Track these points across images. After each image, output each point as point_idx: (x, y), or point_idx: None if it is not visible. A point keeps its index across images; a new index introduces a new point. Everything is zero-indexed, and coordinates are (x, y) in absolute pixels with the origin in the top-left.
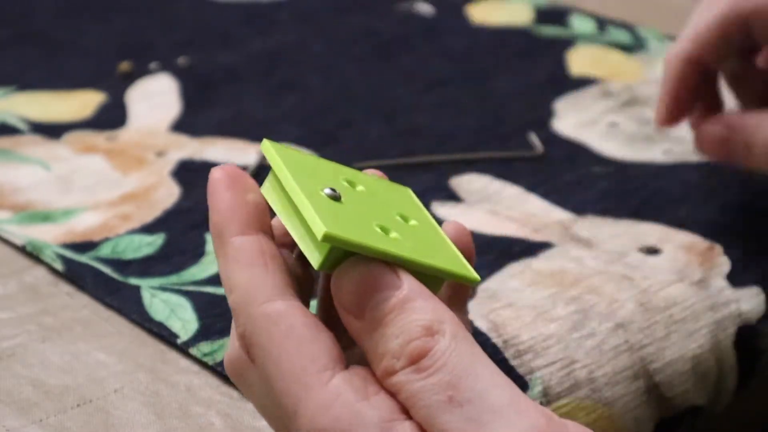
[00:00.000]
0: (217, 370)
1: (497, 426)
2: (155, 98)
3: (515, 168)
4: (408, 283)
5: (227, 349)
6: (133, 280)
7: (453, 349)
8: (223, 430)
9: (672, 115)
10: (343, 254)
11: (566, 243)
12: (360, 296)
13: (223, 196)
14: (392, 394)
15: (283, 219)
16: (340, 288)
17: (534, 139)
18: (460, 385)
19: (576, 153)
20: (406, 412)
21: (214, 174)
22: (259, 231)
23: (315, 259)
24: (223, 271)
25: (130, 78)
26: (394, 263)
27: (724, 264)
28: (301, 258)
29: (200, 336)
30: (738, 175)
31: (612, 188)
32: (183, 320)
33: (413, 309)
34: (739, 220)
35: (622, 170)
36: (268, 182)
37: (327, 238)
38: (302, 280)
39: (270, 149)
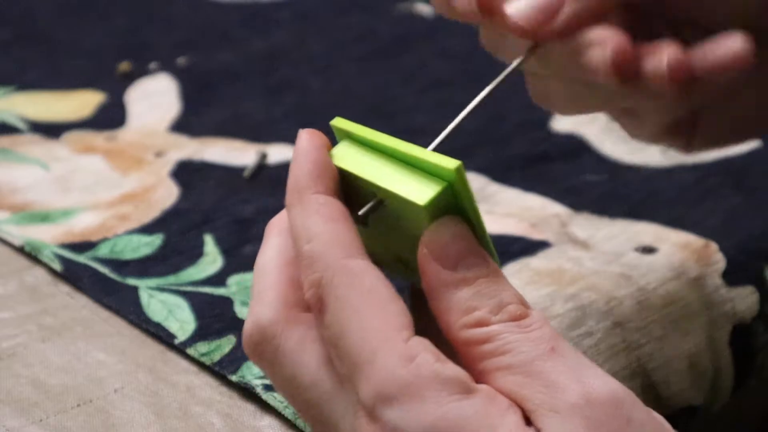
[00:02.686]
0: (216, 371)
1: (595, 377)
2: (155, 98)
3: (515, 168)
4: (494, 264)
5: (252, 316)
6: (131, 281)
7: (545, 320)
8: (223, 430)
9: None
10: (436, 211)
11: (564, 243)
12: (458, 250)
13: (312, 155)
14: (472, 345)
15: (374, 179)
16: (437, 237)
17: None
18: (560, 342)
19: (576, 152)
20: (474, 380)
21: (303, 134)
22: (338, 199)
23: (425, 194)
24: (300, 221)
25: (130, 78)
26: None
27: (719, 262)
28: None
29: (197, 336)
30: (733, 176)
31: (608, 190)
32: (180, 321)
33: (505, 283)
34: (733, 220)
35: (616, 175)
36: (336, 153)
37: (458, 169)
38: None
39: (342, 121)
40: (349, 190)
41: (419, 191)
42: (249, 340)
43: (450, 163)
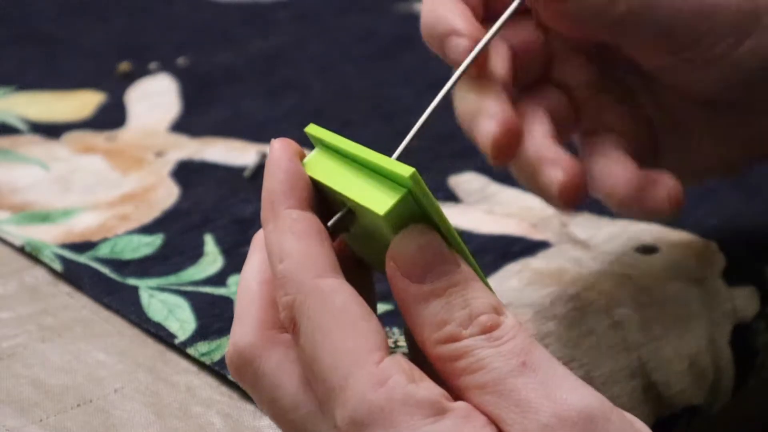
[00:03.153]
0: (216, 370)
1: (568, 389)
2: (155, 98)
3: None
4: (465, 266)
5: (233, 338)
6: (132, 281)
7: (517, 328)
8: (223, 430)
9: None
10: (400, 220)
11: (564, 243)
12: (424, 261)
13: (284, 165)
14: (444, 361)
15: (340, 188)
16: (402, 250)
17: None
18: (531, 354)
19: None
20: (449, 398)
21: (276, 144)
22: (311, 209)
23: (385, 203)
24: (274, 238)
25: (130, 78)
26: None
27: (719, 262)
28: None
29: (198, 336)
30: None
31: None
32: (181, 320)
33: (476, 288)
34: (734, 220)
35: None
36: (309, 162)
37: (413, 176)
38: None
39: (316, 128)
40: (326, 197)
41: (380, 200)
42: (230, 364)
43: (405, 171)
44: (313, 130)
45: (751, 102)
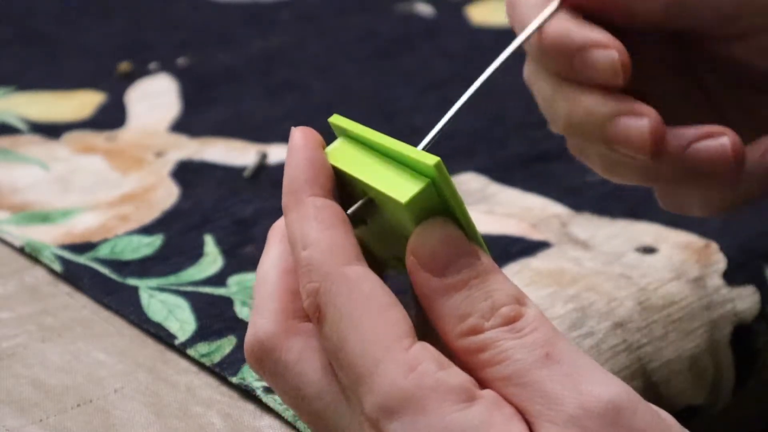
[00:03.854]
0: (216, 371)
1: (593, 381)
2: (155, 98)
3: (515, 168)
4: (486, 257)
5: (252, 328)
6: (132, 281)
7: (541, 319)
8: (223, 430)
9: None
10: (421, 211)
11: (564, 243)
12: (445, 254)
13: (306, 154)
14: (469, 354)
15: (363, 176)
16: (423, 243)
17: None
18: (556, 345)
19: None
20: (478, 385)
21: (297, 133)
22: (335, 200)
23: (407, 192)
24: (298, 226)
25: (130, 78)
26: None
27: (720, 262)
28: None
29: (198, 337)
30: None
31: (608, 190)
32: (181, 321)
33: (498, 280)
34: (733, 220)
35: None
36: (331, 151)
37: (438, 165)
38: None
39: (339, 118)
40: (345, 188)
41: (402, 189)
42: (250, 354)
43: (430, 160)
44: (336, 119)
45: None
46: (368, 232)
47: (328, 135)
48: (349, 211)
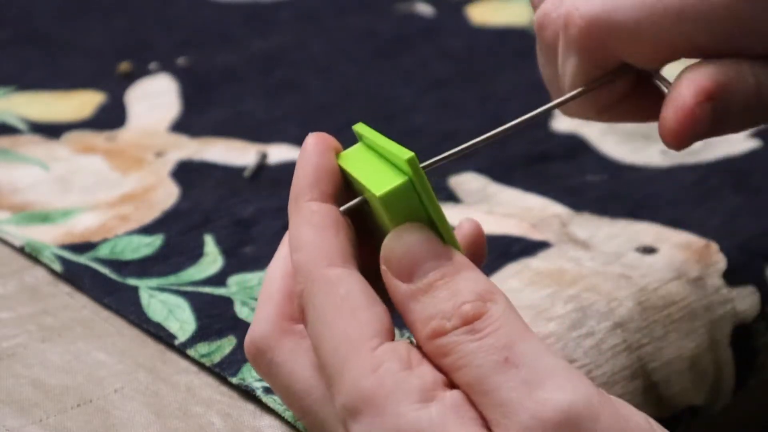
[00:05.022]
0: (216, 371)
1: (552, 389)
2: (155, 98)
3: (515, 168)
4: (457, 256)
5: (250, 329)
6: (132, 281)
7: (506, 316)
8: (223, 430)
9: None
10: (399, 210)
11: (564, 243)
12: (412, 260)
13: (312, 159)
14: (437, 357)
15: (359, 175)
16: (391, 250)
17: None
18: (516, 348)
19: (576, 152)
20: (448, 385)
21: (309, 139)
22: (337, 202)
23: (387, 186)
24: (294, 230)
25: (130, 78)
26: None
27: (720, 262)
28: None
29: (198, 337)
30: (733, 176)
31: (608, 190)
32: (181, 321)
33: (465, 277)
34: (734, 220)
35: (616, 175)
36: (345, 154)
37: (411, 160)
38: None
39: (362, 126)
40: (356, 191)
41: (382, 185)
42: (247, 354)
43: (405, 154)
44: (359, 127)
45: None
46: (377, 233)
47: (333, 133)
48: (342, 208)
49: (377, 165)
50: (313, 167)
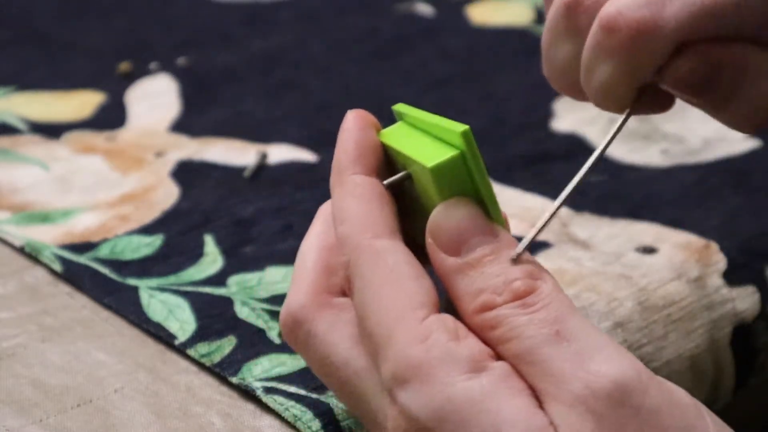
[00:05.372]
0: (216, 371)
1: (602, 359)
2: (155, 98)
3: (515, 168)
4: (504, 234)
5: (286, 301)
6: (132, 281)
7: (555, 294)
8: (223, 430)
9: None
10: (448, 183)
11: (564, 243)
12: (460, 234)
13: (354, 135)
14: (484, 330)
15: (404, 149)
16: (439, 224)
17: None
18: (567, 323)
19: (576, 152)
20: (495, 357)
21: (349, 115)
22: (379, 177)
23: (437, 158)
24: (338, 202)
25: (130, 78)
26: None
27: (720, 262)
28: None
29: (198, 337)
30: (733, 176)
31: (608, 190)
32: (181, 321)
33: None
34: (734, 220)
35: (616, 175)
36: (387, 132)
37: (465, 133)
38: None
39: (402, 106)
40: (398, 167)
41: (432, 157)
42: (284, 326)
43: (458, 127)
44: (399, 107)
45: None
46: (414, 214)
47: (331, 136)
48: (386, 182)
49: (424, 140)
50: (355, 142)
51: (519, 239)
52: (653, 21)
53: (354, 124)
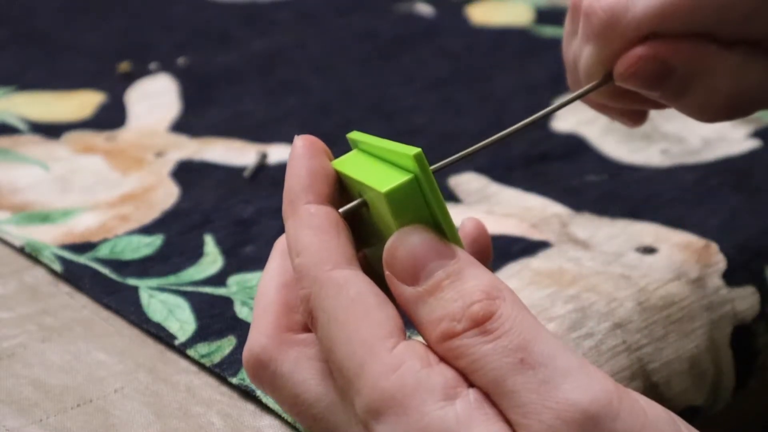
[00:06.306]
0: (216, 371)
1: (570, 388)
2: (154, 98)
3: (515, 168)
4: (462, 253)
5: (248, 343)
6: (132, 281)
7: (516, 313)
8: (223, 430)
9: None
10: (403, 209)
11: (564, 243)
12: (416, 262)
13: (304, 163)
14: (450, 360)
15: (359, 176)
16: (394, 255)
17: None
18: (530, 348)
19: (576, 152)
20: (467, 382)
21: (298, 142)
22: (332, 205)
23: (391, 182)
24: (292, 233)
25: (130, 78)
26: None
27: (720, 262)
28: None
29: (198, 337)
30: (733, 176)
31: (608, 190)
32: (181, 321)
33: (471, 275)
34: (734, 220)
35: (616, 175)
36: (341, 159)
37: (417, 155)
38: None
39: (356, 134)
40: (353, 197)
41: (385, 182)
42: (248, 369)
43: (410, 150)
44: (353, 135)
45: None
46: (376, 237)
47: (330, 136)
48: (342, 210)
49: (378, 166)
50: (306, 170)
51: (517, 238)
52: (625, 8)
53: (304, 151)
